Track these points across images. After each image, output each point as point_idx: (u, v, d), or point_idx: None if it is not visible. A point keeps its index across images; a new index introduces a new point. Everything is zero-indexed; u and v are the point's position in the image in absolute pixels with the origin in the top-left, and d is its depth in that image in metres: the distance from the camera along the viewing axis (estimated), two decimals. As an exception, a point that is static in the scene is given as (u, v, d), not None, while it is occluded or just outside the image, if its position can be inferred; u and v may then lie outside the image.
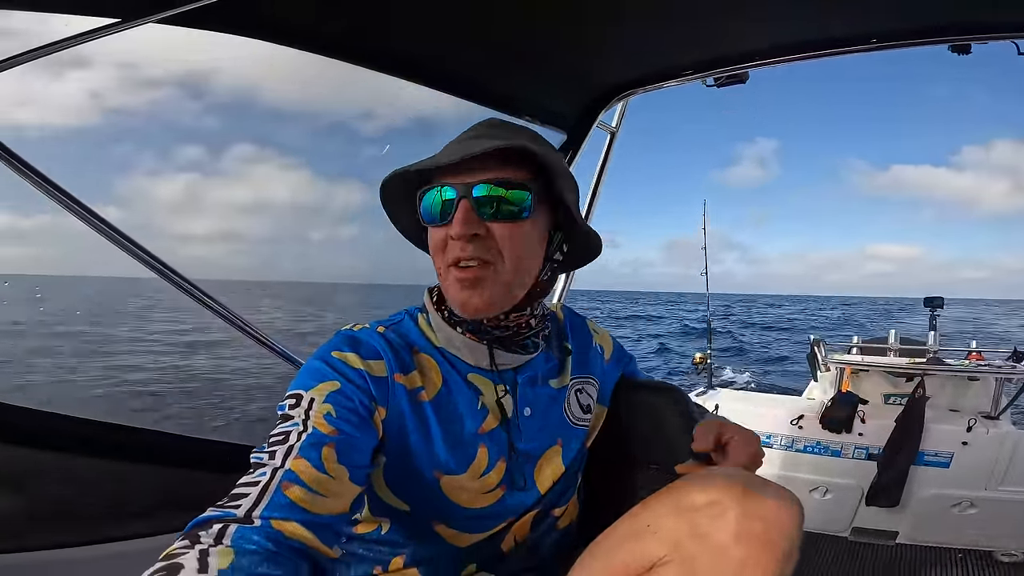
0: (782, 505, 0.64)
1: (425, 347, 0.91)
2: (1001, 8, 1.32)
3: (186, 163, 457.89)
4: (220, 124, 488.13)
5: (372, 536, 0.90)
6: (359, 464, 0.75)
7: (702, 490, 0.66)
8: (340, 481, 0.71)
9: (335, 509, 0.70)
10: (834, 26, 1.47)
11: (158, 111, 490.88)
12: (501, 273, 0.84)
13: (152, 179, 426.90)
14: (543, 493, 0.94)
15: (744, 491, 0.64)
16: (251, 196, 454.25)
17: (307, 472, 0.68)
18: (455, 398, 0.89)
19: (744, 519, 0.62)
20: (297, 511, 0.65)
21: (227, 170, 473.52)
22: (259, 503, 0.64)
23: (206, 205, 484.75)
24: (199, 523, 0.62)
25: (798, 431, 3.19)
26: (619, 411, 1.09)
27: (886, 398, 3.27)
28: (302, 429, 0.73)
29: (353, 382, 0.80)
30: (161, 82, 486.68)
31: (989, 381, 3.09)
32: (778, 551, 0.62)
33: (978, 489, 2.86)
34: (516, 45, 1.56)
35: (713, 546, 0.62)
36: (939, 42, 1.40)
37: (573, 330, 1.09)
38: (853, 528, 3.06)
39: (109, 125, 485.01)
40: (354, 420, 0.77)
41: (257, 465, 0.69)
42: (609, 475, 1.07)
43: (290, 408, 0.76)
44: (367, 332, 0.88)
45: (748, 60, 1.67)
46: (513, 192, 0.82)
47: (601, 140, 2.20)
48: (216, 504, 0.64)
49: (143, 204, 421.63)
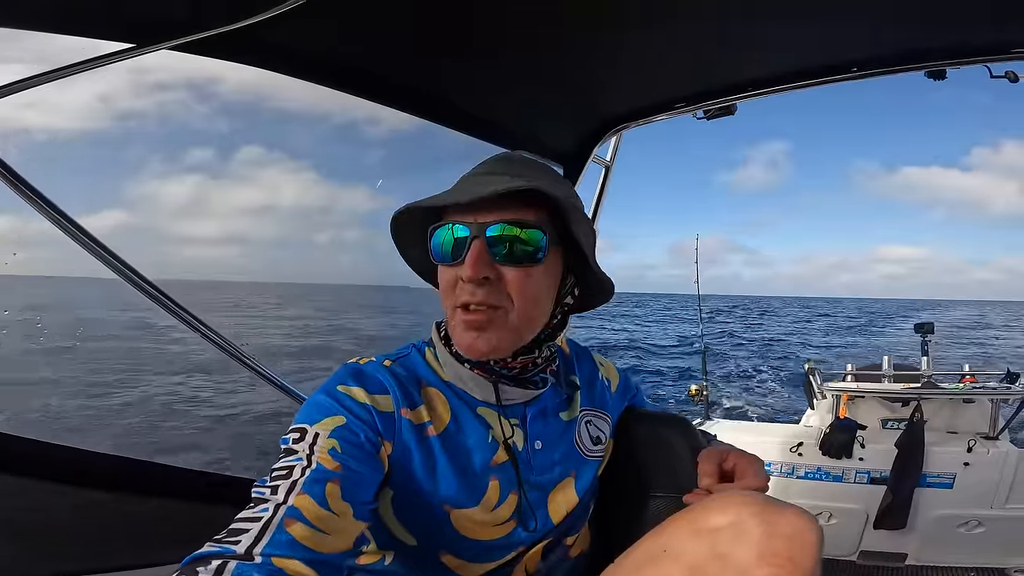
0: (803, 524, 0.63)
1: (433, 381, 0.90)
2: (974, 34, 1.38)
3: (194, 165, 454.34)
4: (229, 126, 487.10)
5: (376, 567, 0.88)
6: (363, 500, 0.74)
7: (720, 511, 0.65)
8: (344, 518, 0.70)
9: (338, 547, 0.68)
10: (816, 57, 1.53)
11: (167, 113, 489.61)
12: (510, 318, 0.82)
13: (161, 182, 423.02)
14: (556, 524, 0.93)
15: (764, 511, 0.63)
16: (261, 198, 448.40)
17: (310, 509, 0.67)
18: (464, 432, 0.87)
19: (766, 539, 0.61)
20: (299, 549, 0.64)
21: (235, 172, 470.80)
22: (260, 539, 0.62)
23: (219, 208, 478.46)
24: (197, 558, 0.60)
25: (798, 458, 3.19)
26: (628, 442, 1.09)
27: (884, 423, 3.27)
28: (306, 464, 0.71)
29: (359, 417, 0.79)
30: (170, 85, 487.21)
31: (984, 403, 3.12)
32: (802, 571, 0.60)
33: (984, 508, 2.87)
34: (513, 80, 1.60)
35: (735, 567, 0.61)
36: (917, 69, 1.46)
37: (579, 363, 1.08)
38: (861, 552, 3.04)
39: (118, 128, 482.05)
40: (359, 456, 0.76)
41: (258, 500, 0.68)
42: (619, 505, 1.07)
43: (294, 442, 0.74)
44: (373, 366, 0.87)
45: (736, 92, 1.72)
46: (528, 232, 0.80)
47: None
48: (214, 539, 0.63)
49: (150, 206, 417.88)
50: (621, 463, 1.08)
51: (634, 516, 1.04)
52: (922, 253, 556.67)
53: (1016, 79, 1.54)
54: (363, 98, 1.51)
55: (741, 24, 1.36)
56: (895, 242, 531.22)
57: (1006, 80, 1.56)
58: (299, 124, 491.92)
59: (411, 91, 1.58)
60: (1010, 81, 1.56)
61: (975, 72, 1.50)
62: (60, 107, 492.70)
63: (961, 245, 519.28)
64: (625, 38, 1.41)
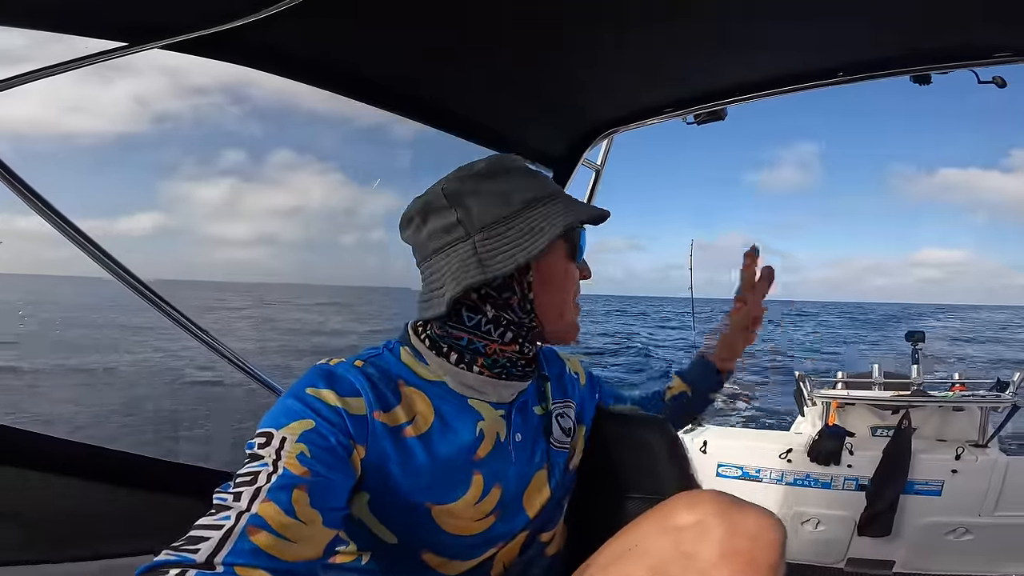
0: (765, 524, 0.65)
1: (412, 380, 0.88)
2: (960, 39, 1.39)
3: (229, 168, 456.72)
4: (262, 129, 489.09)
5: (353, 565, 0.87)
6: (334, 507, 0.72)
7: (687, 509, 0.67)
8: (312, 526, 0.68)
9: (306, 555, 0.66)
10: (803, 61, 1.54)
11: (202, 116, 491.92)
12: None
13: (195, 184, 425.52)
14: (532, 517, 0.93)
15: (727, 510, 0.65)
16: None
17: (275, 517, 0.64)
18: (449, 428, 0.87)
19: (728, 538, 0.63)
20: (263, 557, 0.61)
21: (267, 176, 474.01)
22: (221, 548, 0.60)
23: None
24: (155, 566, 0.58)
25: (787, 465, 3.19)
26: (606, 443, 1.10)
27: (873, 430, 3.28)
28: (271, 470, 0.68)
29: (329, 421, 0.76)
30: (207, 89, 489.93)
31: (974, 411, 3.12)
32: (763, 570, 0.62)
33: (972, 515, 2.88)
34: (503, 83, 1.61)
35: (698, 565, 0.62)
36: (902, 73, 1.48)
37: (547, 358, 1.11)
38: (848, 559, 3.04)
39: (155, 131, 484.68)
40: (329, 461, 0.73)
41: (220, 507, 0.65)
42: (596, 506, 1.08)
43: (259, 447, 0.71)
44: (344, 367, 0.84)
45: (724, 97, 1.73)
46: None
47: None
48: (172, 547, 0.60)
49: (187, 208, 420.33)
50: (599, 464, 1.08)
51: (611, 517, 1.03)
52: (961, 256, 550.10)
53: (1004, 84, 1.55)
54: (353, 99, 1.51)
55: (730, 28, 1.37)
56: (933, 245, 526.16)
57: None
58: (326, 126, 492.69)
59: (401, 93, 1.59)
60: (997, 86, 1.57)
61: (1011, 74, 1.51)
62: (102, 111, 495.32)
63: (1003, 249, 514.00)
64: (615, 42, 1.42)
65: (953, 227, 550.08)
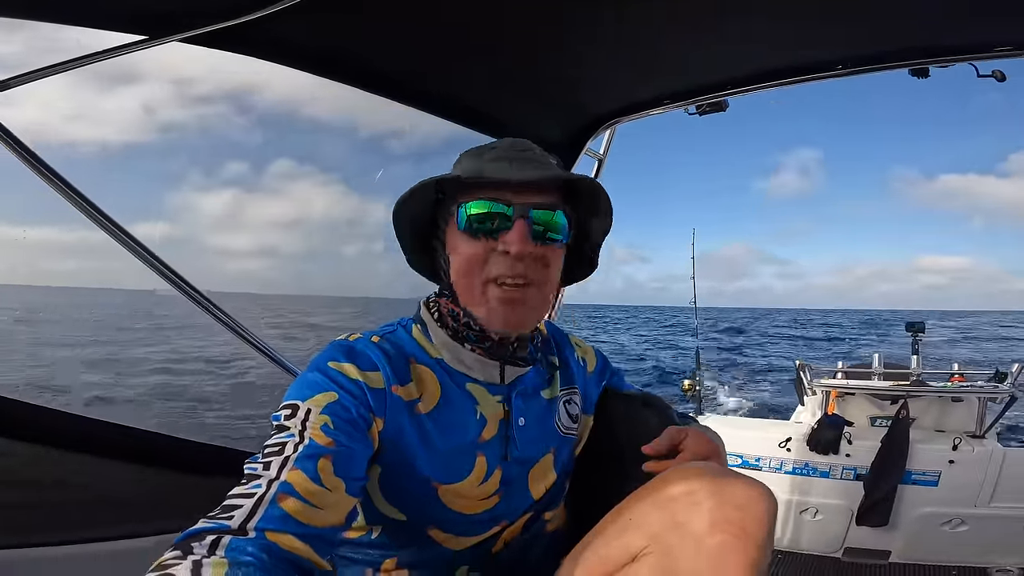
0: (755, 494, 0.67)
1: (422, 358, 0.92)
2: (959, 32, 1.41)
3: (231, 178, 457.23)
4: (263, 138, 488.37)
5: (364, 540, 0.90)
6: (355, 476, 0.75)
7: (679, 482, 0.70)
8: (336, 493, 0.71)
9: (330, 521, 0.70)
10: (804, 54, 1.56)
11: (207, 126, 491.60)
12: (540, 294, 0.87)
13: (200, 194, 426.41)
14: (536, 499, 0.96)
15: (717, 481, 0.67)
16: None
17: (303, 484, 0.68)
18: (453, 408, 0.90)
19: (718, 508, 0.65)
20: (292, 523, 0.65)
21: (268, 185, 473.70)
22: (253, 515, 0.64)
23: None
24: (192, 534, 0.61)
25: (786, 453, 3.22)
26: (606, 422, 1.12)
27: (872, 420, 3.30)
28: (298, 440, 0.72)
29: (351, 393, 0.80)
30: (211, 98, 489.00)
31: (972, 401, 3.14)
32: (753, 539, 0.64)
33: (968, 506, 2.90)
34: (507, 73, 1.63)
35: (690, 535, 0.65)
36: (902, 66, 1.49)
37: (557, 344, 1.11)
38: (846, 548, 3.07)
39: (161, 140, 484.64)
40: (351, 432, 0.77)
41: (251, 476, 0.69)
42: (597, 483, 1.09)
43: (286, 419, 0.76)
44: (362, 342, 0.88)
45: (725, 88, 1.75)
46: (560, 216, 0.86)
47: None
48: (208, 515, 0.64)
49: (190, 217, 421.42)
50: (598, 442, 1.11)
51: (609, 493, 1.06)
52: (963, 263, 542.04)
53: (1003, 78, 1.56)
54: (361, 90, 1.54)
55: (732, 21, 1.39)
56: (935, 251, 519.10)
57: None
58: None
59: (409, 83, 1.62)
60: (997, 80, 1.57)
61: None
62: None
63: (1003, 255, 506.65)
64: (618, 33, 1.43)
65: (954, 232, 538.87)
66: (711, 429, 1.02)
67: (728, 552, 0.64)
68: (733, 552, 0.64)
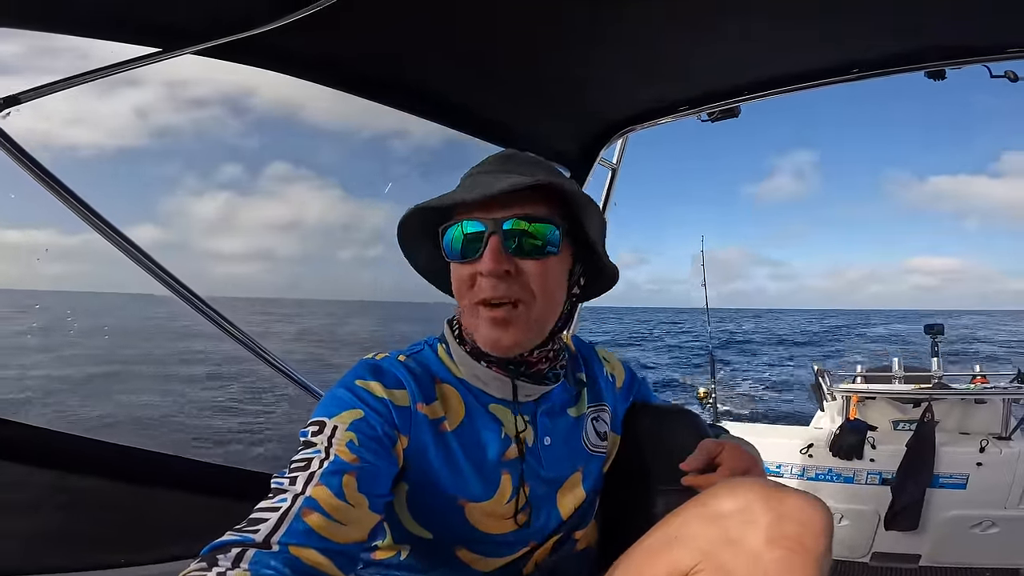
0: (812, 508, 0.65)
1: (447, 378, 0.91)
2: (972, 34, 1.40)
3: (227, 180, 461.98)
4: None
5: (392, 561, 0.90)
6: (379, 493, 0.76)
7: (730, 497, 0.67)
8: (360, 509, 0.71)
9: (353, 537, 0.70)
10: (817, 58, 1.55)
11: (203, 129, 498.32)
12: (532, 311, 0.84)
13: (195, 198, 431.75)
14: (565, 518, 0.94)
15: (772, 496, 0.65)
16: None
17: (327, 500, 0.69)
18: (478, 428, 0.89)
19: (776, 523, 0.63)
20: (315, 538, 0.65)
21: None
22: (278, 529, 0.64)
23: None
24: (217, 547, 0.62)
25: (808, 460, 3.18)
26: (635, 435, 1.11)
27: (895, 424, 3.27)
28: (324, 456, 0.73)
29: (376, 411, 0.81)
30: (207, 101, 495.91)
31: (996, 403, 3.10)
32: (812, 554, 0.62)
33: (998, 508, 2.86)
34: (520, 83, 1.63)
35: (745, 552, 0.63)
36: (916, 69, 1.48)
37: (585, 360, 1.09)
38: (873, 553, 3.03)
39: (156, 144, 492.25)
40: (376, 449, 0.77)
41: (277, 491, 0.70)
42: (627, 499, 1.08)
43: (313, 435, 0.76)
44: (389, 361, 0.89)
45: (738, 95, 1.74)
46: (542, 226, 0.83)
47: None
48: (234, 528, 0.65)
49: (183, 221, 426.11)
50: (628, 457, 1.09)
51: (641, 509, 1.05)
52: (955, 264, 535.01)
53: (1016, 79, 1.54)
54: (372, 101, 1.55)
55: (743, 27, 1.38)
56: (927, 253, 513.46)
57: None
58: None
59: (420, 94, 1.62)
60: (1010, 80, 1.56)
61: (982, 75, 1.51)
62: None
63: (997, 256, 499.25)
64: (630, 41, 1.43)
65: (947, 234, 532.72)
66: (745, 440, 1.01)
67: (787, 568, 0.62)
68: (792, 568, 0.62)
